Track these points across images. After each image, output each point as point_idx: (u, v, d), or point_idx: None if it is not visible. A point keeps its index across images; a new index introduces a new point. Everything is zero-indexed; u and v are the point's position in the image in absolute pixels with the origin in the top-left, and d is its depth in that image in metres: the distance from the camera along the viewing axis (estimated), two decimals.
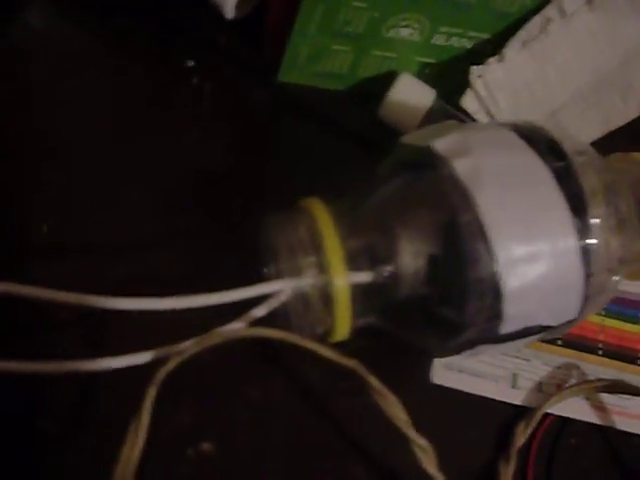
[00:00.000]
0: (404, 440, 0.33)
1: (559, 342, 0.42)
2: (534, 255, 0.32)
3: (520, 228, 0.33)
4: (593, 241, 0.34)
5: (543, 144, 0.35)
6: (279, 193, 0.37)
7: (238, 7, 0.45)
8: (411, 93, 0.44)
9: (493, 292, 0.32)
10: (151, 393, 0.32)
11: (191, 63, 0.45)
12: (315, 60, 0.44)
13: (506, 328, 0.33)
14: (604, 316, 0.43)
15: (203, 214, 0.41)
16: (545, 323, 0.34)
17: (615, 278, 0.36)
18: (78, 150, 0.42)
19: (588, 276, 0.34)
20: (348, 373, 0.34)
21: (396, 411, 0.33)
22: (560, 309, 0.34)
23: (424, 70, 0.46)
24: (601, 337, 0.42)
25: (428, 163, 0.34)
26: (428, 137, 0.35)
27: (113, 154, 0.42)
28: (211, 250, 0.40)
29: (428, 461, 0.33)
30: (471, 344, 0.34)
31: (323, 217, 0.34)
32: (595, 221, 0.34)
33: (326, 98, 0.46)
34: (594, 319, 0.43)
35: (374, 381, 0.33)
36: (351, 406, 0.38)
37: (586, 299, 0.34)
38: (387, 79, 0.44)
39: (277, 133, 0.45)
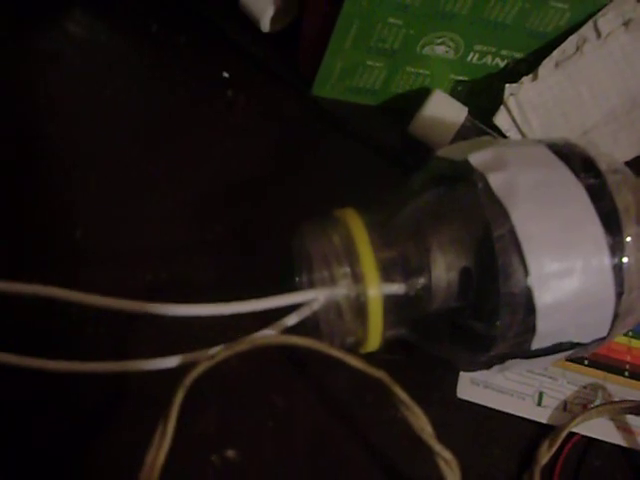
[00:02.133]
0: (428, 453, 0.33)
1: (586, 362, 0.42)
2: (567, 271, 0.33)
3: (554, 243, 0.33)
4: (625, 259, 0.34)
5: (578, 161, 0.35)
6: (310, 205, 0.38)
7: (274, 21, 0.45)
8: (443, 110, 0.44)
9: (526, 307, 0.32)
10: (179, 397, 0.32)
11: (226, 75, 0.45)
12: (349, 75, 0.44)
13: (538, 344, 0.33)
14: (631, 337, 0.43)
15: (235, 224, 0.41)
16: (576, 340, 0.34)
17: None
18: (111, 158, 0.42)
19: (619, 294, 0.34)
20: (374, 385, 0.34)
21: (422, 423, 0.33)
22: (591, 326, 0.34)
23: (457, 87, 0.46)
24: (628, 358, 0.42)
25: (463, 176, 0.34)
26: (464, 151, 0.35)
27: (145, 162, 0.42)
28: (242, 260, 0.40)
29: (452, 475, 0.33)
30: (502, 359, 0.34)
31: (358, 227, 0.35)
32: (628, 239, 0.34)
33: (358, 113, 0.46)
34: (621, 340, 0.43)
35: (401, 392, 0.33)
36: (376, 418, 0.38)
37: (616, 317, 0.34)
38: (420, 95, 0.45)
39: (309, 147, 0.45)
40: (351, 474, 0.37)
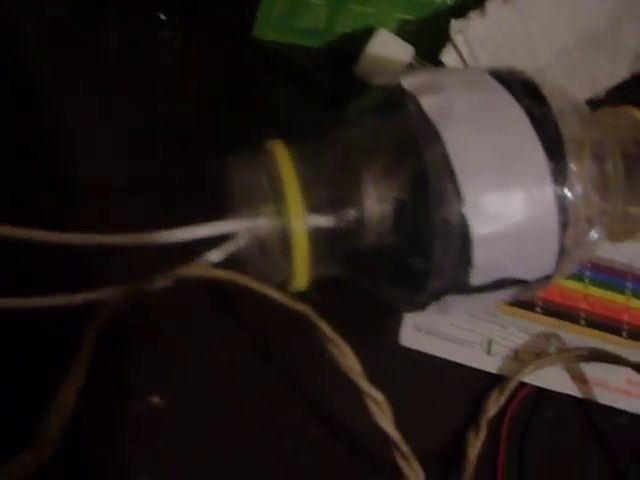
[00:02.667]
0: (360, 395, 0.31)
1: (538, 309, 0.40)
2: (505, 199, 0.31)
3: (491, 170, 0.31)
4: (570, 190, 0.32)
5: (520, 87, 0.33)
6: (247, 144, 0.35)
7: None
8: (388, 49, 0.42)
9: (461, 237, 0.30)
10: (91, 335, 0.30)
11: (162, 16, 0.43)
12: (290, 15, 0.42)
13: (476, 278, 0.31)
14: (587, 283, 0.41)
15: (169, 161, 0.40)
16: (519, 276, 0.32)
17: (594, 234, 0.34)
18: (40, 95, 0.40)
19: (564, 226, 0.32)
20: (308, 328, 0.32)
21: (350, 362, 0.30)
22: (534, 261, 0.32)
23: (404, 27, 0.44)
24: (584, 306, 0.40)
25: (396, 101, 0.32)
26: (399, 78, 0.33)
27: (82, 103, 0.40)
28: (175, 196, 0.38)
29: (382, 416, 0.31)
30: (439, 294, 0.32)
31: (284, 159, 0.32)
32: (573, 168, 0.32)
33: (303, 55, 0.44)
34: (576, 286, 0.40)
35: (327, 329, 0.30)
36: (308, 361, 0.36)
37: (562, 252, 0.32)
38: (364, 36, 0.42)
39: (250, 89, 0.43)
40: (280, 418, 0.35)
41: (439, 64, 0.41)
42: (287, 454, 0.35)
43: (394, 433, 0.31)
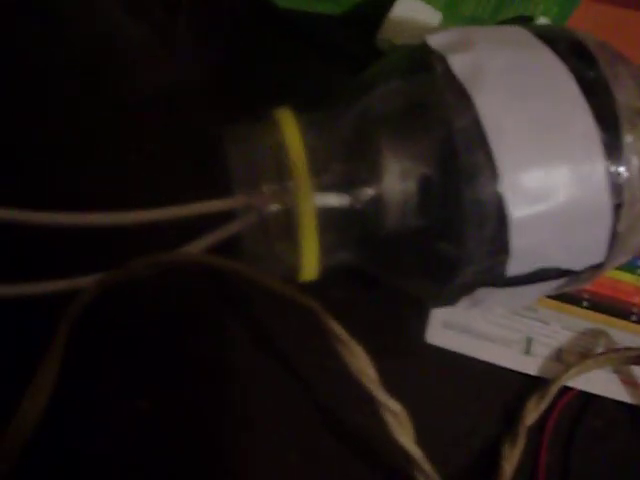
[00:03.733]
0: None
1: (585, 304, 0.35)
2: (549, 176, 0.26)
3: (532, 140, 0.26)
4: (625, 166, 0.27)
5: (565, 45, 0.28)
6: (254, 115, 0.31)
7: None
8: (414, 15, 0.37)
9: (496, 218, 0.26)
10: (63, 330, 0.26)
11: None
12: None
13: (514, 268, 0.27)
14: None
15: (181, 135, 0.35)
16: (564, 266, 0.28)
17: None
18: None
19: (617, 207, 0.27)
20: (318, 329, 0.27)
21: (362, 366, 0.26)
22: (582, 248, 0.28)
23: None
24: (636, 300, 0.35)
25: (420, 62, 0.28)
26: (425, 36, 0.29)
27: (82, 71, 0.37)
28: (182, 171, 0.34)
29: (400, 429, 0.26)
30: (471, 287, 0.28)
31: (291, 128, 0.28)
32: (629, 141, 0.27)
33: (322, 23, 0.40)
34: (628, 278, 0.36)
35: (335, 326, 0.26)
36: (319, 366, 0.32)
37: (614, 237, 0.28)
38: (386, 1, 0.38)
39: (265, 57, 0.39)
40: (287, 429, 0.31)
41: None
42: (293, 469, 0.31)
43: (414, 449, 0.26)
